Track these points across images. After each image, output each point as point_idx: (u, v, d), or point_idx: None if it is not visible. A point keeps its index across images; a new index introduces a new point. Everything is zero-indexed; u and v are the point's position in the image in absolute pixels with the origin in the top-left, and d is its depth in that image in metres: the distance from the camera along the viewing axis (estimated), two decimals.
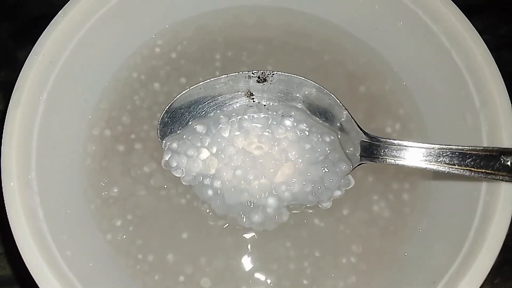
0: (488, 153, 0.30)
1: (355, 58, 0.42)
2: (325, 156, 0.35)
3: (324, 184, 0.35)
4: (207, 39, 0.42)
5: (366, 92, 0.41)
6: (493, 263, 0.31)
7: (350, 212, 0.38)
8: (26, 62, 0.34)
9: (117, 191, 0.38)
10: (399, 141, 0.32)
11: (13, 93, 0.34)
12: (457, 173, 0.30)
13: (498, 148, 0.30)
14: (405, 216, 0.38)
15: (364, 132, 0.34)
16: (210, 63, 0.41)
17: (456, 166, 0.30)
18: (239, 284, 0.37)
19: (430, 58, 0.38)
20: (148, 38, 0.42)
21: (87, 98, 0.40)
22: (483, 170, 0.30)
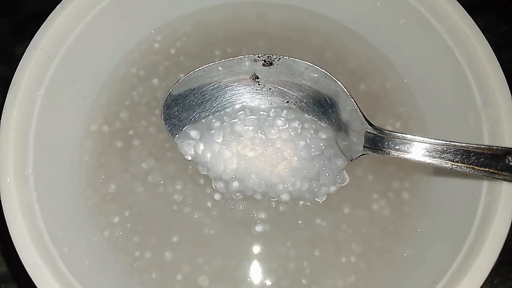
0: (493, 152, 0.30)
1: (356, 56, 0.42)
2: (321, 152, 0.35)
3: (320, 182, 0.35)
4: (207, 35, 0.42)
5: (367, 90, 0.41)
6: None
7: (351, 211, 0.38)
8: (24, 57, 0.34)
9: (115, 188, 0.38)
10: (404, 135, 0.32)
11: (10, 88, 0.33)
12: (460, 170, 0.30)
13: (503, 148, 0.30)
14: (405, 215, 0.38)
15: (369, 123, 0.33)
16: (210, 59, 0.41)
17: (459, 163, 0.30)
18: (238, 283, 0.36)
19: (432, 56, 0.38)
20: (147, 34, 0.42)
21: (85, 94, 0.39)
22: (486, 169, 0.30)
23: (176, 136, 0.37)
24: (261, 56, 0.35)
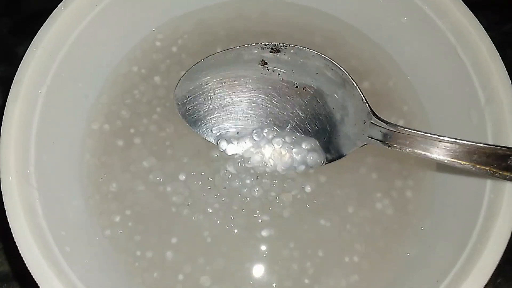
0: (496, 152, 0.29)
1: (359, 53, 0.41)
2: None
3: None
4: (209, 33, 0.42)
5: (370, 88, 0.40)
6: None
7: (355, 211, 0.38)
8: (26, 55, 0.34)
9: (116, 187, 0.38)
10: (407, 129, 0.31)
11: (12, 86, 0.33)
12: (461, 167, 0.30)
13: (507, 147, 0.29)
14: (409, 214, 0.38)
15: (374, 114, 0.33)
16: None
17: (462, 161, 0.30)
18: (239, 284, 0.36)
19: (435, 54, 0.37)
20: (149, 32, 0.42)
21: (87, 92, 0.39)
22: (488, 168, 0.29)
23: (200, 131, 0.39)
24: (268, 44, 0.35)
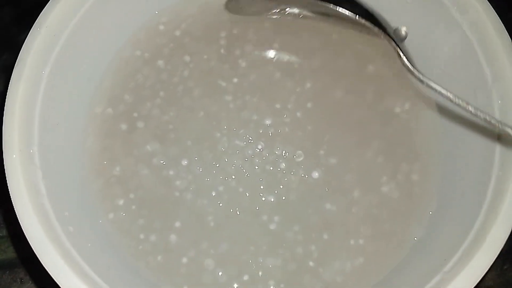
0: None
1: (364, 37, 0.41)
2: None
3: None
4: (212, 16, 0.41)
5: (375, 71, 0.40)
6: (503, 247, 0.30)
7: (361, 194, 0.37)
8: (29, 34, 0.34)
9: (119, 170, 0.38)
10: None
11: (16, 64, 0.33)
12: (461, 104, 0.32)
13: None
14: (415, 197, 0.37)
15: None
16: (215, 41, 0.40)
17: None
18: (243, 267, 0.36)
19: (441, 33, 0.37)
20: (152, 16, 0.41)
21: (90, 76, 0.39)
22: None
23: None
24: None
